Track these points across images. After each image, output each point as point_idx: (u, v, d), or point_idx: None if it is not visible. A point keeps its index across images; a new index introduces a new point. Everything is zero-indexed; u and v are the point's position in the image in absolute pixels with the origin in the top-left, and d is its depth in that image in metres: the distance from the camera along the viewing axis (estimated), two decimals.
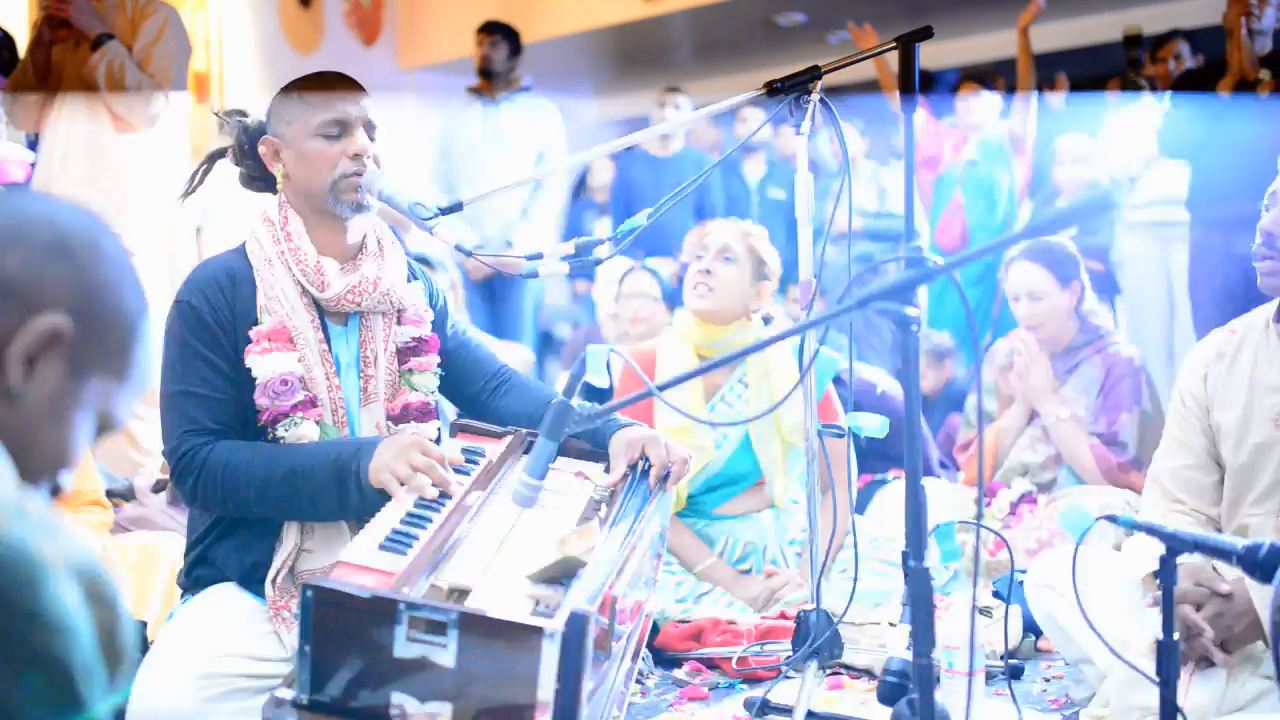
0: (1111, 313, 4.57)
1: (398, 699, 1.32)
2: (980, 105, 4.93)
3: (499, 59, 5.34)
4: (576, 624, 1.29)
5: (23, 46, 3.70)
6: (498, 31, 5.36)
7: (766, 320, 2.90)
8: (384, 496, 1.65)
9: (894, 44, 1.95)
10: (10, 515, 0.78)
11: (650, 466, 1.80)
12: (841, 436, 2.04)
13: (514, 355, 4.42)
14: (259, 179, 1.95)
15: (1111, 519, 1.91)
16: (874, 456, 3.52)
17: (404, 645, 1.32)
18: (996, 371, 3.33)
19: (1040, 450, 3.11)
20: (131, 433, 3.42)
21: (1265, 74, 3.74)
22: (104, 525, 2.32)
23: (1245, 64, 3.76)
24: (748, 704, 2.20)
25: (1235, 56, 3.79)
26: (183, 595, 1.82)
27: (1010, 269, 3.14)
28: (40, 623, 0.75)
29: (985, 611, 2.51)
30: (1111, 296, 4.63)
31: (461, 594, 1.41)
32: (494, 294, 5.50)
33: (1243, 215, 3.81)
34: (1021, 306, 3.10)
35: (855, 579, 2.23)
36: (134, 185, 3.42)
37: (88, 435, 0.93)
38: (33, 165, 3.53)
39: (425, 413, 1.90)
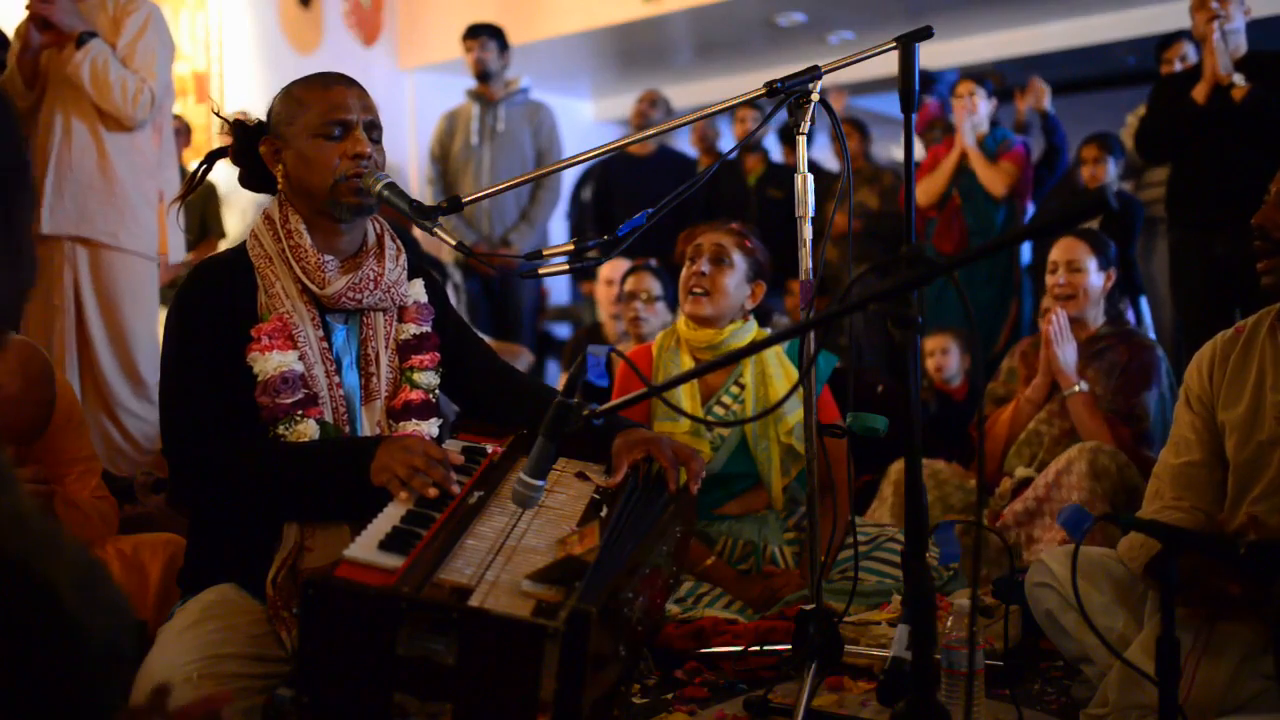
0: (1129, 311, 4.60)
1: (399, 697, 1.32)
2: (979, 106, 4.94)
3: (492, 59, 5.36)
4: (578, 623, 1.29)
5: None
6: (484, 33, 5.38)
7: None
8: (385, 496, 1.65)
9: (894, 44, 1.95)
10: (12, 531, 0.78)
11: (656, 468, 1.80)
12: (842, 437, 2.04)
13: (514, 355, 4.42)
14: (259, 179, 1.95)
15: (1111, 518, 1.92)
16: (873, 456, 3.53)
17: (405, 644, 1.32)
18: (1018, 358, 3.38)
19: (1056, 423, 3.17)
20: (131, 433, 3.43)
21: (1239, 79, 3.79)
22: (111, 522, 2.32)
23: (1218, 69, 3.81)
24: (748, 704, 2.20)
25: (1209, 62, 3.85)
26: (183, 595, 1.82)
27: (1055, 244, 3.28)
28: (47, 637, 0.75)
29: (985, 611, 2.51)
30: (1133, 296, 4.66)
31: (463, 593, 1.41)
32: (494, 294, 5.51)
33: (1218, 218, 3.88)
34: (1059, 275, 3.23)
35: (855, 579, 2.24)
36: (128, 184, 3.41)
37: None
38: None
39: (426, 410, 1.90)
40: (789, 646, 2.19)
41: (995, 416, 3.31)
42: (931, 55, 5.25)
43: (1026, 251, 5.14)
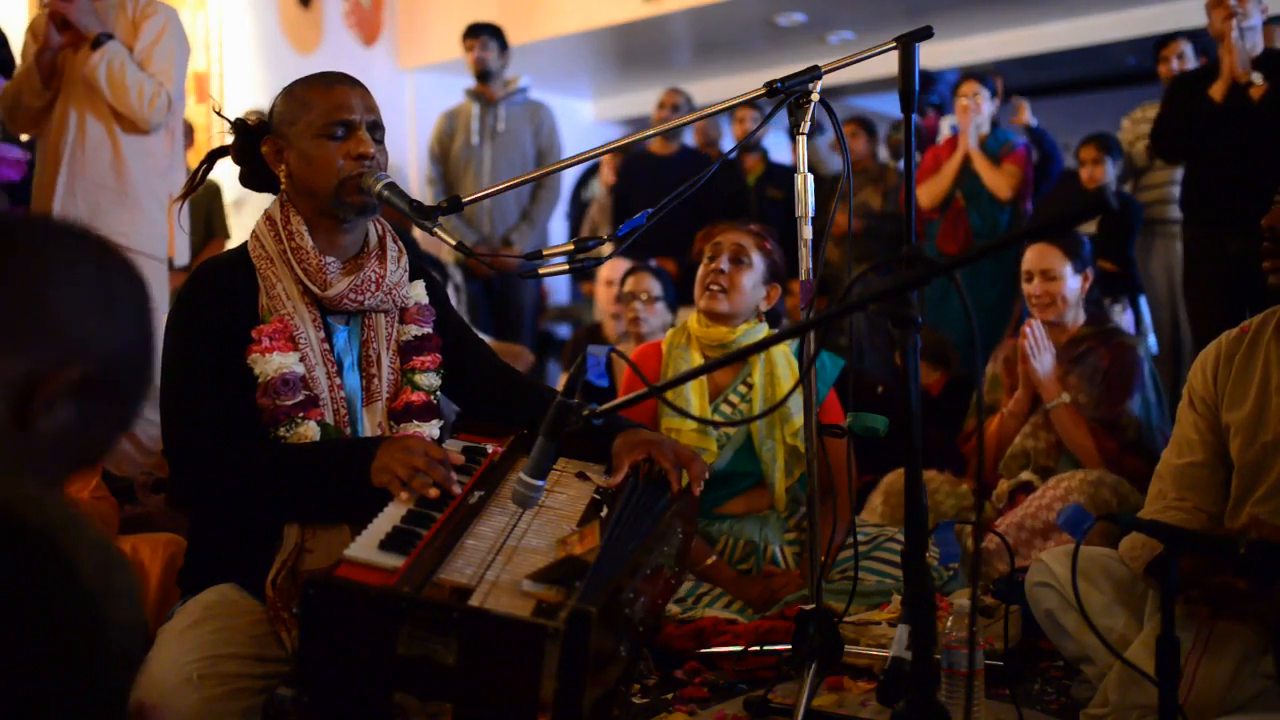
0: (1128, 311, 4.59)
1: (399, 697, 1.32)
2: (980, 106, 4.94)
3: (492, 59, 5.37)
4: (579, 623, 1.29)
5: (16, 44, 3.69)
6: (485, 32, 5.38)
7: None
8: (386, 496, 1.65)
9: (894, 44, 1.95)
10: (32, 508, 0.79)
11: (658, 468, 1.79)
12: (842, 437, 2.04)
13: (514, 355, 4.42)
14: (259, 178, 1.94)
15: (1111, 518, 1.92)
16: (873, 457, 3.53)
17: (405, 644, 1.32)
18: (1001, 364, 3.36)
19: (1042, 437, 3.14)
20: (135, 433, 3.42)
21: (1257, 77, 3.77)
22: (111, 522, 2.32)
23: (1236, 67, 3.79)
24: (748, 704, 2.20)
25: (1227, 60, 3.83)
26: (183, 595, 1.82)
27: (1028, 249, 3.22)
28: (64, 613, 0.76)
29: (985, 611, 2.51)
30: (1131, 296, 4.64)
31: (463, 593, 1.41)
32: (494, 294, 5.51)
33: (1233, 216, 3.88)
34: (1035, 285, 3.18)
35: (855, 579, 2.24)
36: (140, 185, 3.42)
37: (73, 471, 0.98)
38: (29, 164, 3.53)
39: (427, 411, 1.90)
40: (789, 646, 2.19)
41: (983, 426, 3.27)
42: (931, 55, 5.25)
43: None
